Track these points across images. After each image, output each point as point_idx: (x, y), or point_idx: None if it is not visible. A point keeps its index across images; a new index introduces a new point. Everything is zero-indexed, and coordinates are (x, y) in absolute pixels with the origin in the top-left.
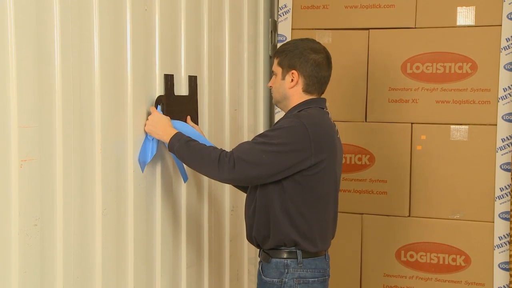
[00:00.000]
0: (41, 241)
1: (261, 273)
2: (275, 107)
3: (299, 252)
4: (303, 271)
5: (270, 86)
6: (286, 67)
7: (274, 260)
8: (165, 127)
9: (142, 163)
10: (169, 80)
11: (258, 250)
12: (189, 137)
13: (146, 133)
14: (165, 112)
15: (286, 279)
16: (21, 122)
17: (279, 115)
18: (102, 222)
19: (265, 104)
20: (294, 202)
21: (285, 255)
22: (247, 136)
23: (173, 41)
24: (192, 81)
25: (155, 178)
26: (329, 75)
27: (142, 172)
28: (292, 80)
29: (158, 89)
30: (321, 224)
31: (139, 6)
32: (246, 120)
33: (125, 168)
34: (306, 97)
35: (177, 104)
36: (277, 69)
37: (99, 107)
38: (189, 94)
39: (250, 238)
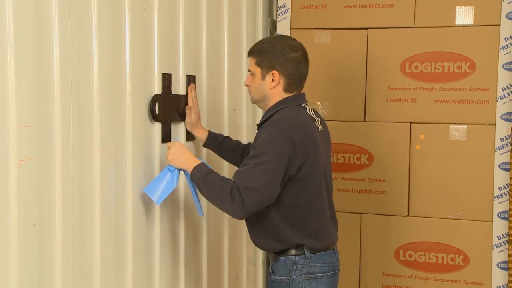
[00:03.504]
0: (40, 240)
1: (271, 273)
2: None
3: (306, 248)
4: (311, 267)
5: (247, 85)
6: (266, 68)
7: (282, 258)
8: (189, 156)
9: (161, 194)
10: (166, 79)
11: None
12: (210, 168)
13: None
14: (161, 111)
15: (295, 276)
16: (20, 121)
17: None
18: (101, 222)
19: None
20: (289, 207)
21: (293, 252)
22: (246, 136)
23: (171, 41)
24: (191, 80)
25: (154, 177)
26: (307, 71)
27: (158, 203)
28: (272, 80)
29: (157, 88)
30: (320, 220)
31: (138, 5)
32: (245, 120)
33: (124, 167)
34: (285, 95)
35: (174, 103)
36: (255, 69)
37: (97, 106)
38: (187, 93)
39: (258, 245)
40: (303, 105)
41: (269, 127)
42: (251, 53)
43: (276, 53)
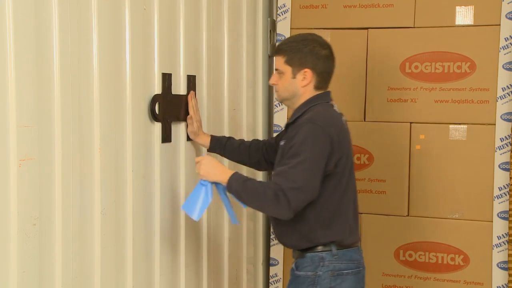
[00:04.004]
0: (40, 240)
1: (295, 269)
2: (275, 106)
3: (333, 244)
4: (338, 263)
5: (274, 84)
6: (297, 66)
7: (309, 254)
8: (222, 168)
9: (199, 211)
10: (166, 79)
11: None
12: (246, 176)
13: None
14: (161, 111)
15: (321, 272)
16: (20, 121)
17: (278, 114)
18: (101, 222)
19: (264, 103)
20: (323, 204)
21: (320, 249)
22: (246, 136)
23: (172, 40)
24: (191, 81)
25: (154, 177)
26: (334, 68)
27: (197, 220)
28: (304, 78)
29: (157, 88)
30: (349, 217)
31: (138, 5)
32: (245, 119)
33: (124, 167)
34: (315, 93)
35: (174, 103)
36: (285, 68)
37: (98, 106)
38: (187, 93)
39: (283, 243)
40: (330, 102)
41: (306, 124)
42: (279, 51)
43: (308, 51)
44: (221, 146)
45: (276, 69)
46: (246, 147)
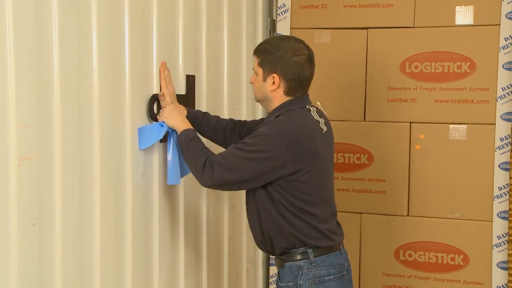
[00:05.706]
0: (39, 240)
1: (278, 280)
2: None
3: (310, 252)
4: (317, 270)
5: (251, 83)
6: (267, 70)
7: (287, 264)
8: (183, 118)
9: (146, 143)
10: None
11: (274, 257)
12: (197, 135)
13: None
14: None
15: (301, 281)
16: (20, 121)
17: None
18: (101, 221)
19: None
20: (284, 205)
21: (298, 257)
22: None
23: (171, 40)
24: (190, 80)
25: (153, 176)
26: (312, 74)
27: (140, 149)
28: (273, 83)
29: (156, 88)
30: (321, 222)
31: (137, 5)
32: (245, 119)
33: (123, 167)
34: (286, 98)
35: None
36: (258, 70)
37: (97, 106)
38: (186, 93)
39: (260, 246)
40: (307, 106)
41: (271, 124)
42: (255, 52)
43: (278, 56)
44: (197, 121)
45: (253, 69)
46: (222, 127)
